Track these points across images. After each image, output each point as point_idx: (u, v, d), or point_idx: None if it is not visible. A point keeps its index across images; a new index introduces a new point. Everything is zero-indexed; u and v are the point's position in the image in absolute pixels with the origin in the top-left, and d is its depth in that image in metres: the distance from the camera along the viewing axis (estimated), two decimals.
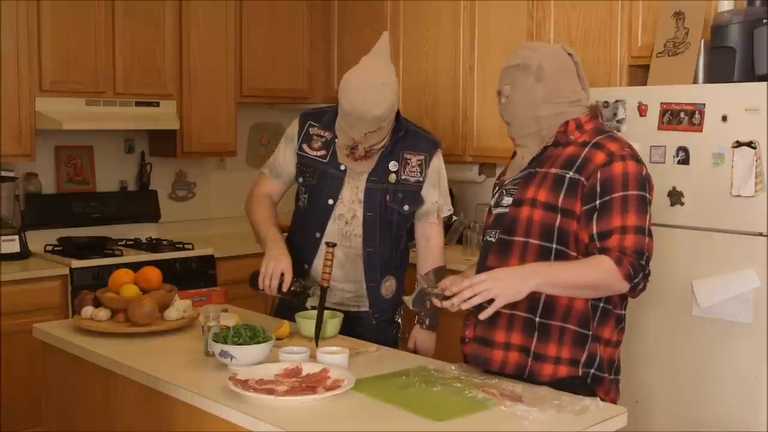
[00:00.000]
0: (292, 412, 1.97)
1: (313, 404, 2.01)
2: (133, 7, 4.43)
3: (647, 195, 2.15)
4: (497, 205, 2.32)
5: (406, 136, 2.78)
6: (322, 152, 2.78)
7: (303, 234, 2.82)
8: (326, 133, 2.78)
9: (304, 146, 2.80)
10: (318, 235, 2.75)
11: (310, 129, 2.81)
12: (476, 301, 2.04)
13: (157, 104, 4.53)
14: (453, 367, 2.29)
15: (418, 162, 2.77)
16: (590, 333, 2.18)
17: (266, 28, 4.97)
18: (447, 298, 2.28)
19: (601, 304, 2.20)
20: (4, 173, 4.21)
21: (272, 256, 2.63)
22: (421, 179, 2.77)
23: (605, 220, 2.11)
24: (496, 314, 2.16)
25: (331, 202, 2.75)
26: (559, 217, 2.16)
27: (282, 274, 2.59)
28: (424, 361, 2.44)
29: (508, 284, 2.04)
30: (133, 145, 4.85)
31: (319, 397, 2.02)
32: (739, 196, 3.02)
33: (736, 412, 3.05)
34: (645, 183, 2.15)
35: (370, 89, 2.57)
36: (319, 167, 2.77)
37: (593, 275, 2.09)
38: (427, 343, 2.84)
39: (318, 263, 2.74)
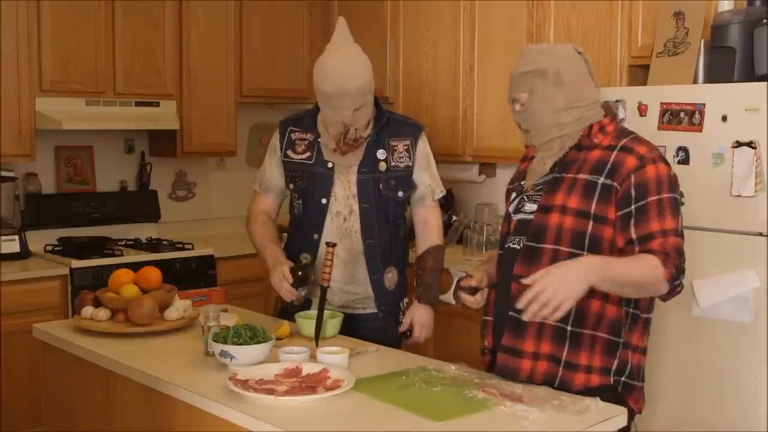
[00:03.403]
0: (292, 412, 1.97)
1: (313, 404, 2.02)
2: (133, 7, 4.43)
3: (678, 196, 2.14)
4: (518, 211, 2.27)
5: (389, 123, 2.80)
6: (307, 154, 2.78)
7: (301, 237, 2.82)
8: (308, 135, 2.80)
9: (289, 152, 2.81)
10: (315, 236, 2.76)
11: (292, 134, 2.83)
12: (546, 312, 1.95)
13: (157, 104, 4.53)
14: (453, 367, 2.29)
15: (405, 147, 2.79)
16: (621, 340, 2.16)
17: (266, 28, 4.97)
18: (474, 292, 2.28)
19: (632, 310, 2.17)
20: (4, 173, 4.21)
21: (273, 271, 2.67)
22: (410, 164, 2.79)
23: (644, 224, 2.08)
24: (525, 323, 2.14)
25: (324, 201, 2.76)
26: (591, 223, 2.13)
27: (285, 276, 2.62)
28: (424, 361, 2.44)
29: (569, 286, 1.95)
30: (133, 145, 4.85)
31: (319, 397, 2.02)
32: (739, 196, 3.02)
33: (736, 412, 3.05)
34: (675, 183, 2.15)
35: (344, 64, 2.61)
36: (306, 169, 2.78)
37: (643, 273, 2.05)
38: (424, 317, 2.79)
39: (318, 265, 2.74)
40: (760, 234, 2.98)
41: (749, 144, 2.99)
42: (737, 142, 3.02)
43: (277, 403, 2.00)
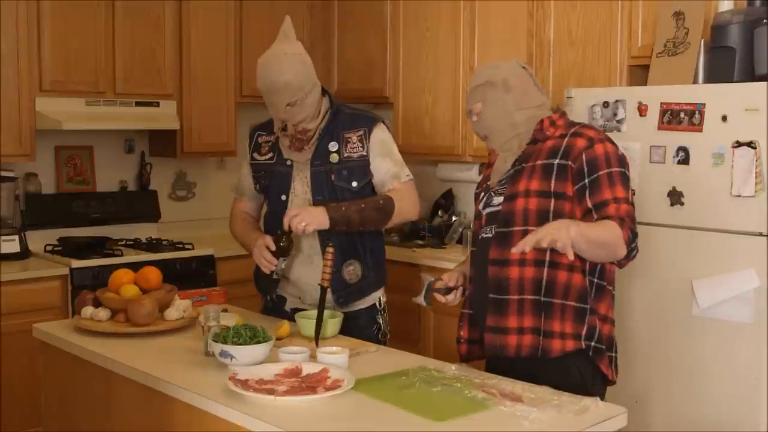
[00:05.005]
0: (292, 412, 1.97)
1: (313, 404, 2.02)
2: (133, 7, 4.43)
3: (627, 171, 2.34)
4: (487, 206, 2.45)
5: (344, 117, 2.83)
6: (270, 155, 2.87)
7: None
8: (272, 137, 2.88)
9: (255, 155, 2.91)
10: (279, 231, 2.77)
11: (259, 138, 2.93)
12: (544, 243, 2.09)
13: (157, 104, 4.53)
14: (453, 367, 2.30)
15: (359, 138, 2.80)
16: (588, 307, 2.32)
17: (266, 28, 4.95)
18: (449, 291, 2.50)
19: (596, 280, 2.35)
20: (4, 173, 4.21)
21: (255, 244, 2.77)
22: (364, 153, 2.79)
23: (597, 194, 2.28)
24: (506, 302, 2.32)
25: (283, 198, 2.82)
26: (552, 201, 2.31)
27: (267, 247, 2.71)
28: (424, 361, 2.44)
29: (562, 228, 2.13)
30: (133, 145, 4.85)
31: (319, 397, 2.02)
32: (739, 196, 3.02)
33: (736, 412, 3.05)
34: (623, 161, 2.35)
35: (272, 60, 2.69)
36: (269, 169, 2.87)
37: (608, 234, 2.21)
38: (306, 208, 2.68)
39: (286, 262, 2.77)
40: (760, 234, 2.98)
41: (749, 144, 2.99)
42: (737, 142, 3.02)
43: (276, 403, 2.00)
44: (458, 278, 2.54)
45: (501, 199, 2.39)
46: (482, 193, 2.51)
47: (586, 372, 2.32)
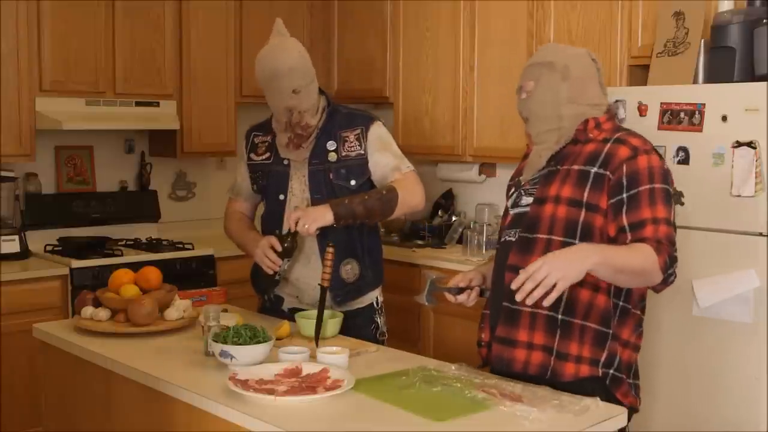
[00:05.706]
0: (292, 412, 1.97)
1: (313, 404, 2.02)
2: (133, 7, 4.43)
3: (670, 188, 2.17)
4: (515, 205, 2.31)
5: (341, 116, 2.84)
6: (267, 155, 2.88)
7: (266, 235, 2.83)
8: (268, 137, 2.89)
9: (252, 155, 2.93)
10: (277, 232, 2.79)
11: (255, 138, 2.94)
12: (539, 292, 1.94)
13: (157, 104, 4.53)
14: (453, 367, 2.29)
15: (356, 136, 2.81)
16: (610, 331, 2.17)
17: (266, 28, 4.92)
18: (461, 291, 2.34)
19: (621, 303, 2.19)
20: (4, 173, 4.21)
21: (255, 245, 2.75)
22: (362, 152, 2.80)
23: (635, 212, 2.10)
24: (518, 313, 2.18)
25: (282, 197, 2.82)
26: (583, 212, 2.15)
27: (271, 247, 2.69)
28: (424, 361, 2.44)
29: (567, 266, 1.96)
30: (133, 145, 4.86)
31: (319, 397, 2.02)
32: (739, 196, 3.02)
33: (736, 412, 3.05)
34: (668, 176, 2.18)
35: (274, 49, 2.74)
36: (266, 169, 2.88)
37: (641, 260, 2.04)
38: (309, 209, 2.68)
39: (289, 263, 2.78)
40: (760, 234, 2.98)
41: (749, 144, 2.99)
42: (737, 142, 3.02)
43: (276, 403, 2.00)
44: (472, 278, 2.37)
45: (530, 200, 2.25)
46: (513, 188, 2.37)
47: (598, 398, 2.07)
